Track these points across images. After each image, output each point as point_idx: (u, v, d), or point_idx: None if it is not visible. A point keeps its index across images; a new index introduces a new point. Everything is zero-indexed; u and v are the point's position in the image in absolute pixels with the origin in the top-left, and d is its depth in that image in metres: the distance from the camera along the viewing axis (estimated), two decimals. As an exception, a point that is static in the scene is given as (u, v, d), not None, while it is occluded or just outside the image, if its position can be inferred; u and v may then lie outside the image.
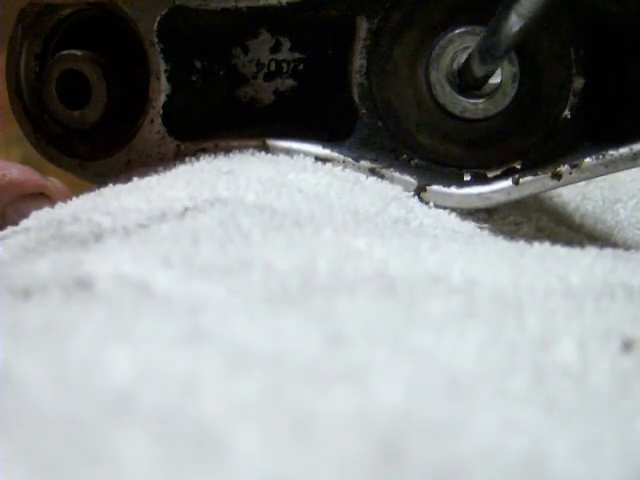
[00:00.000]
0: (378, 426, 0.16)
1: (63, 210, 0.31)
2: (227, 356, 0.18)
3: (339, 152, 0.35)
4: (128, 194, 0.32)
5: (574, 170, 0.33)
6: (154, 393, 0.16)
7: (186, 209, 0.28)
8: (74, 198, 0.34)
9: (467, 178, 0.34)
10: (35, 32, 0.37)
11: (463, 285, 0.24)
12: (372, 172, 0.34)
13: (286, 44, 0.36)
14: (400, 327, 0.21)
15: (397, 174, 0.34)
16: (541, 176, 0.33)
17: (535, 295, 0.24)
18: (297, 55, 0.36)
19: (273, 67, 0.36)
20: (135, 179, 0.34)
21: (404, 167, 0.34)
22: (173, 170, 0.35)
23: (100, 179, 0.36)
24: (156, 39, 0.35)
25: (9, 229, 0.30)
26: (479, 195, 0.34)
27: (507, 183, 0.33)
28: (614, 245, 0.41)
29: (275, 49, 0.36)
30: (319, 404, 0.16)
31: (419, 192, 0.34)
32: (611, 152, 0.32)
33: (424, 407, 0.18)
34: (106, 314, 0.19)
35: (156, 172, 0.35)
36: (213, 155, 0.36)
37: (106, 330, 0.18)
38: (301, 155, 0.35)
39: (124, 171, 0.36)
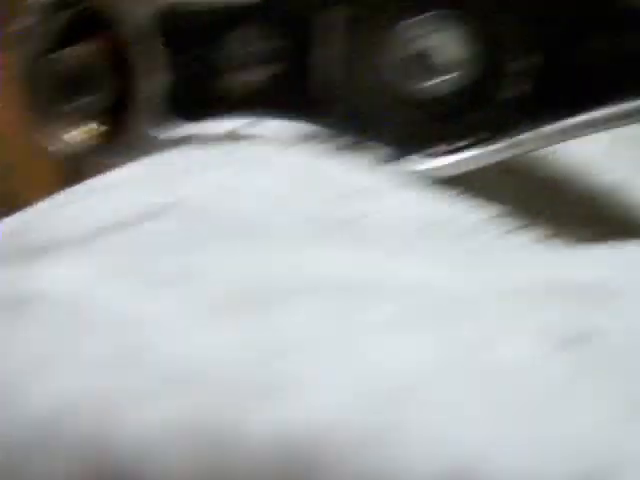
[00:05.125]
0: (294, 443, 0.16)
1: (23, 218, 0.31)
2: (150, 375, 0.18)
3: (311, 132, 0.37)
4: (90, 197, 0.32)
5: (534, 136, 0.35)
6: (72, 422, 0.16)
7: (141, 216, 0.28)
8: (39, 203, 0.34)
9: (436, 151, 0.36)
10: (45, 29, 0.39)
11: (413, 288, 0.24)
12: (342, 149, 0.36)
13: (258, 40, 0.38)
14: (340, 334, 0.21)
15: (367, 151, 0.36)
16: (504, 143, 0.35)
17: (487, 295, 0.24)
18: (269, 50, 0.38)
19: (249, 60, 0.38)
20: (102, 177, 0.34)
21: (372, 147, 0.36)
22: (139, 168, 0.36)
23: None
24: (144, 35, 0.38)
25: None
26: (449, 165, 0.36)
27: (474, 152, 0.35)
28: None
29: (250, 44, 0.38)
30: (238, 424, 0.17)
31: (390, 165, 0.36)
32: (568, 120, 0.34)
33: (351, 418, 0.18)
34: (35, 336, 0.19)
35: (127, 168, 0.35)
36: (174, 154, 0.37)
37: (30, 354, 0.19)
38: (264, 154, 0.35)
39: (125, 152, 0.38)
